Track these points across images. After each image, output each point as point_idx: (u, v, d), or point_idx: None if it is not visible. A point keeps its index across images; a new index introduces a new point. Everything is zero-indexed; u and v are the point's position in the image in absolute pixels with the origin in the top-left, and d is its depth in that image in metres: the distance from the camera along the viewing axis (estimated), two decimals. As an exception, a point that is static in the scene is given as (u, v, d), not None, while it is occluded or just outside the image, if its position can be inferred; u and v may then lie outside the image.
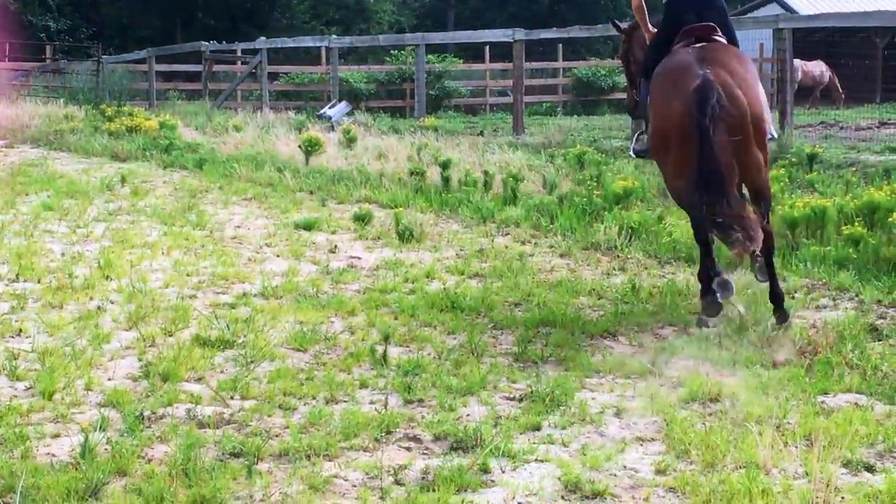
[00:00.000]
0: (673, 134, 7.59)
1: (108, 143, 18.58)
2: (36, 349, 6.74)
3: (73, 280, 8.53)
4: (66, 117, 22.64)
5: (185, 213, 11.81)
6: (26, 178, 14.37)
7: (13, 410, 5.65)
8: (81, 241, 10.30)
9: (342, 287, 8.65)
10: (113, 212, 11.85)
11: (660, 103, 7.89)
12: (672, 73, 7.84)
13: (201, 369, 6.43)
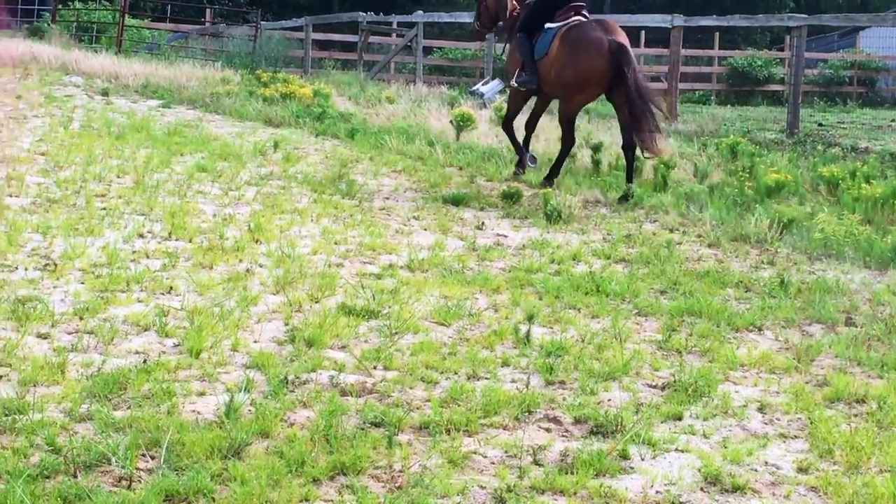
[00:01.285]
0: (589, 74, 11.99)
1: (262, 108, 18.81)
2: (185, 307, 6.87)
3: (223, 241, 8.67)
4: (222, 81, 22.99)
5: (336, 181, 11.90)
6: (182, 138, 14.62)
7: (161, 366, 5.76)
8: (233, 203, 10.46)
9: (487, 264, 8.65)
10: (264, 176, 12.00)
11: (581, 61, 12.00)
12: (587, 40, 12.01)
13: (345, 337, 6.48)
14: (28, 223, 8.90)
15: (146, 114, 17.44)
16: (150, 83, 22.16)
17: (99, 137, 14.07)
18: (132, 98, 20.39)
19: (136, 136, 14.31)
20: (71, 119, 15.99)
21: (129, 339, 6.25)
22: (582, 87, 12.20)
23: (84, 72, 24.08)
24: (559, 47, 12.22)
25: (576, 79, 12.10)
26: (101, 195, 10.32)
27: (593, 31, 12.14)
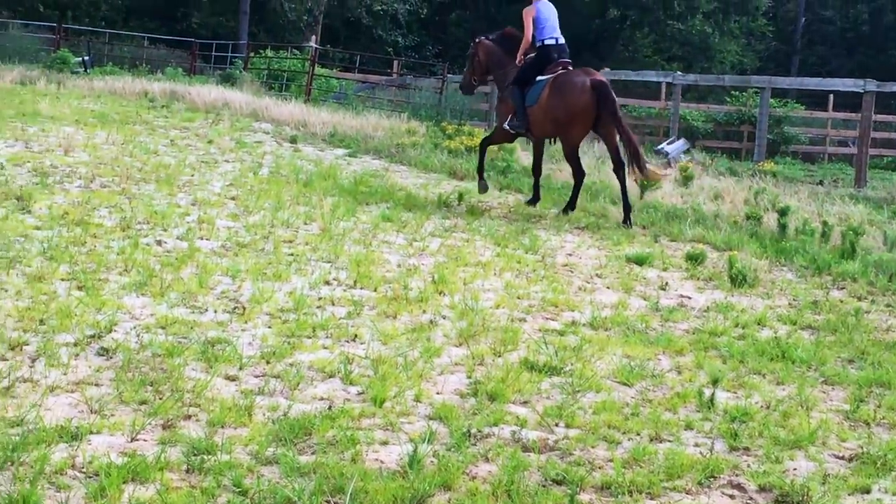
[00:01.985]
0: (582, 114, 14.16)
1: (447, 160, 18.96)
2: (369, 356, 6.94)
3: (407, 292, 8.75)
4: (407, 132, 23.28)
5: (519, 236, 11.93)
6: (367, 187, 14.83)
7: (346, 414, 5.83)
8: (417, 254, 10.55)
9: (671, 325, 8.55)
10: (448, 228, 12.08)
11: (570, 99, 14.13)
12: (572, 82, 14.24)
13: (528, 393, 6.47)
14: (218, 266, 9.12)
15: (333, 162, 17.75)
16: (337, 132, 22.55)
17: (287, 184, 14.37)
18: (319, 146, 20.79)
19: (323, 184, 14.57)
20: (260, 165, 16.36)
21: (315, 385, 6.34)
22: (574, 121, 14.36)
23: (273, 119, 24.66)
24: (549, 94, 14.43)
25: (568, 116, 14.30)
26: (289, 241, 10.52)
27: (576, 75, 14.53)
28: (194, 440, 5.26)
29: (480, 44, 15.98)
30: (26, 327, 6.94)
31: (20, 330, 6.87)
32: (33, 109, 22.20)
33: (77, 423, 5.34)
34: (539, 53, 14.89)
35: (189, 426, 5.49)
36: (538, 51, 14.92)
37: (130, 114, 22.54)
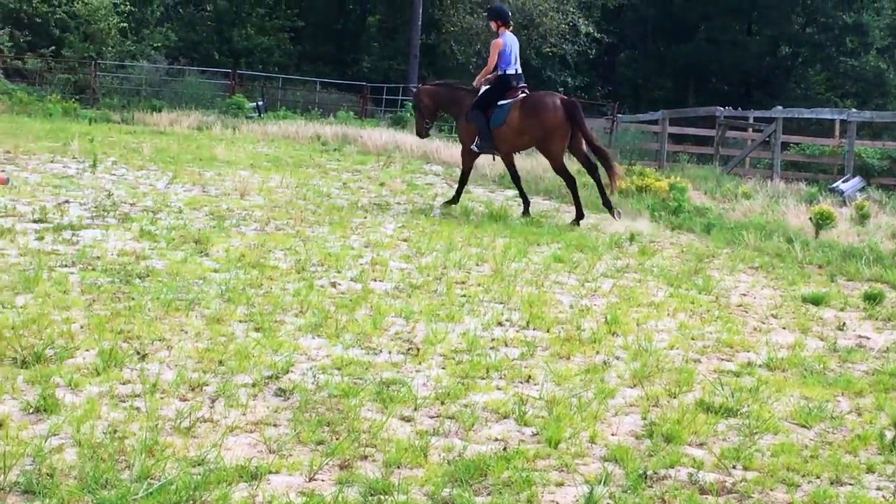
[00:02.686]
0: (558, 129, 16.17)
1: (618, 200, 18.88)
2: (543, 396, 6.92)
3: (580, 332, 8.71)
4: (578, 172, 23.23)
5: (691, 276, 11.80)
6: (538, 228, 14.85)
7: (521, 454, 5.82)
8: (589, 294, 10.51)
9: (849, 366, 8.36)
10: (620, 269, 12.02)
11: (544, 117, 16.14)
12: (544, 103, 16.27)
13: (704, 434, 6.38)
14: (391, 307, 9.20)
15: (503, 203, 17.83)
16: (507, 173, 22.63)
17: (458, 225, 14.46)
18: (489, 188, 20.91)
19: (494, 226, 14.64)
20: (431, 207, 16.50)
21: (489, 426, 6.35)
22: (552, 137, 16.28)
23: (444, 161, 24.90)
24: (520, 116, 16.34)
25: (546, 133, 16.26)
26: (461, 282, 10.57)
27: (545, 96, 16.64)
28: (371, 480, 5.31)
29: (422, 90, 18.13)
30: (206, 368, 7.09)
31: (200, 371, 7.02)
32: (210, 154, 22.81)
33: (256, 463, 5.42)
34: (499, 80, 16.71)
35: (366, 466, 5.55)
36: (498, 78, 16.75)
37: (303, 157, 22.97)
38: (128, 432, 5.75)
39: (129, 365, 7.00)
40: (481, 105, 16.68)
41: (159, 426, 5.88)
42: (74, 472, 5.17)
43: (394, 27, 58.58)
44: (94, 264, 10.09)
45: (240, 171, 19.75)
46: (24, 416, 5.96)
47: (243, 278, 9.92)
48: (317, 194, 16.95)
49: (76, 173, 17.45)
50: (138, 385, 6.59)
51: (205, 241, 11.58)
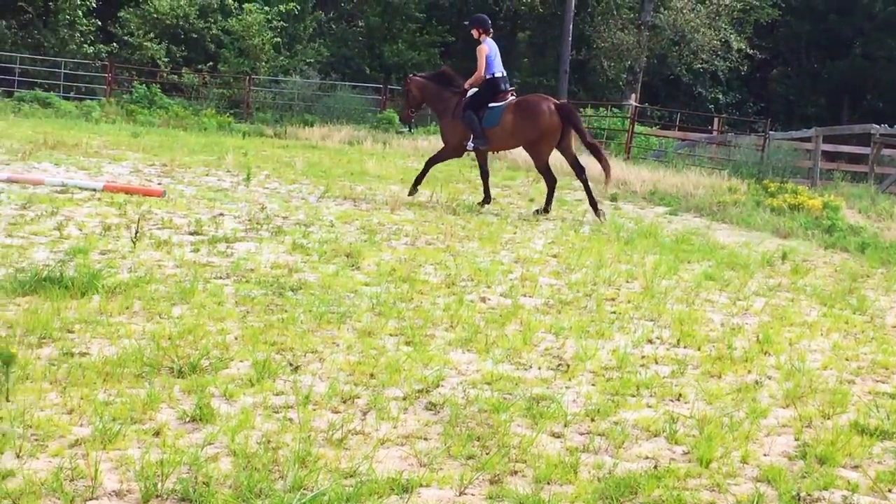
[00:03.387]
0: (551, 133, 17.47)
1: (770, 218, 18.64)
2: (694, 415, 6.86)
3: (731, 351, 8.61)
4: (728, 189, 23.01)
5: (846, 296, 11.58)
6: (688, 246, 14.71)
7: (671, 473, 5.77)
8: (740, 313, 10.37)
9: None
10: (772, 287, 11.84)
11: (540, 121, 17.37)
12: (539, 108, 17.48)
13: (858, 457, 6.26)
14: (541, 323, 9.20)
15: (653, 220, 17.71)
16: (657, 190, 22.51)
17: (608, 242, 14.40)
18: (639, 204, 20.79)
19: (644, 242, 14.54)
20: (581, 223, 16.48)
21: (639, 444, 6.31)
22: (544, 139, 17.66)
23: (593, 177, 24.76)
24: (514, 118, 17.59)
25: (540, 136, 17.57)
26: (611, 299, 10.53)
27: (541, 101, 17.78)
28: (521, 496, 5.32)
29: (412, 81, 19.00)
30: (357, 381, 7.17)
31: (352, 383, 7.10)
32: (360, 168, 23.08)
33: (407, 476, 5.46)
34: (489, 84, 17.92)
35: (515, 482, 5.55)
36: (488, 82, 17.94)
37: (453, 173, 23.10)
38: (281, 443, 5.84)
39: (282, 376, 7.11)
40: (473, 106, 17.80)
41: (312, 437, 5.96)
42: (229, 481, 5.27)
43: (543, 43, 58.56)
44: (247, 276, 10.28)
45: (390, 186, 19.94)
46: (180, 424, 6.10)
47: (394, 292, 10.01)
48: (466, 209, 17.03)
49: (230, 186, 17.79)
50: (291, 396, 6.69)
51: (356, 255, 11.71)
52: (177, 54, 45.60)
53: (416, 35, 54.78)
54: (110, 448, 5.61)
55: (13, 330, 7.72)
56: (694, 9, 51.39)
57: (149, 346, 7.48)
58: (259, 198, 16.51)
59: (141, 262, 10.56)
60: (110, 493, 5.08)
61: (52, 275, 9.16)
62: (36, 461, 5.39)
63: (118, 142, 25.00)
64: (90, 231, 12.15)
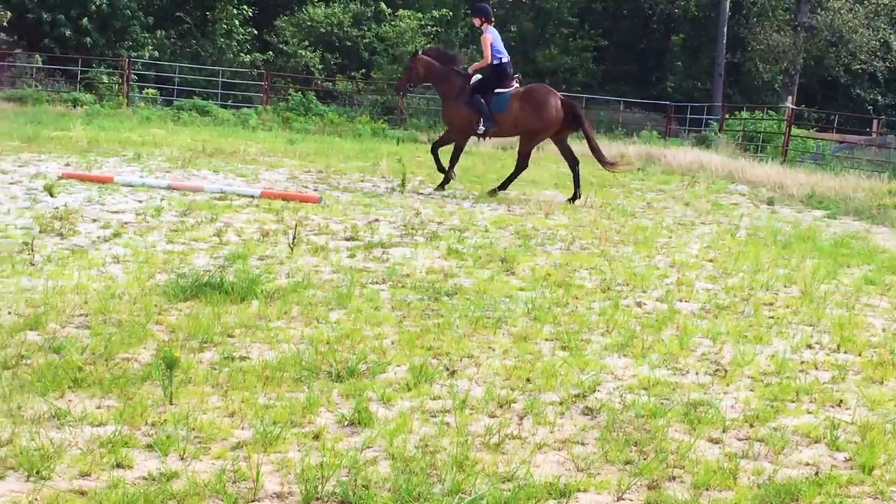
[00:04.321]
0: (553, 126, 18.50)
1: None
2: (856, 421, 6.73)
3: (894, 357, 8.43)
4: (888, 192, 22.51)
5: None
6: (848, 249, 14.43)
7: (833, 480, 5.67)
8: (904, 318, 10.17)
9: None
10: (936, 292, 11.56)
11: (547, 114, 18.33)
12: (547, 102, 18.37)
13: None
14: (697, 328, 9.12)
15: (811, 224, 17.40)
16: (814, 193, 22.12)
17: (765, 246, 14.19)
18: (797, 207, 20.44)
19: (802, 246, 14.30)
20: (737, 227, 16.26)
21: (800, 450, 6.22)
22: (546, 130, 18.70)
23: (748, 180, 24.49)
24: (521, 107, 18.47)
25: (543, 128, 18.59)
26: (769, 304, 10.38)
27: (549, 95, 18.64)
28: (680, 502, 5.28)
29: (419, 59, 19.54)
30: (514, 385, 7.19)
31: (508, 388, 7.12)
32: (515, 175, 23.05)
33: (565, 481, 5.46)
34: (496, 70, 18.69)
35: (674, 487, 5.51)
36: (495, 68, 18.71)
37: (607, 177, 22.97)
38: (439, 447, 5.89)
39: (438, 381, 7.17)
40: (482, 91, 18.63)
41: (469, 441, 5.99)
42: (388, 484, 5.32)
43: (698, 46, 57.98)
44: (403, 281, 10.37)
45: (544, 191, 19.94)
46: (339, 428, 6.18)
47: (549, 297, 10.00)
48: (621, 214, 16.95)
49: (385, 192, 17.95)
50: (448, 401, 6.74)
51: (511, 260, 11.73)
52: (331, 62, 46.18)
53: (569, 39, 54.69)
54: (271, 451, 5.71)
55: (175, 334, 7.91)
56: (852, 9, 50.38)
57: (307, 351, 7.59)
58: (414, 203, 16.64)
59: (298, 268, 10.72)
60: (272, 495, 5.17)
61: (212, 280, 9.36)
62: (199, 463, 5.50)
63: (275, 149, 25.40)
64: (249, 237, 12.38)
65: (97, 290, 9.17)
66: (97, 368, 6.90)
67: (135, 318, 8.22)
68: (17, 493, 4.99)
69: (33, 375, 6.67)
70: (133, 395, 6.44)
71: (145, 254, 10.96)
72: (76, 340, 7.53)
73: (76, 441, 5.68)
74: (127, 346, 7.46)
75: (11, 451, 5.43)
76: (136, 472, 5.35)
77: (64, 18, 41.94)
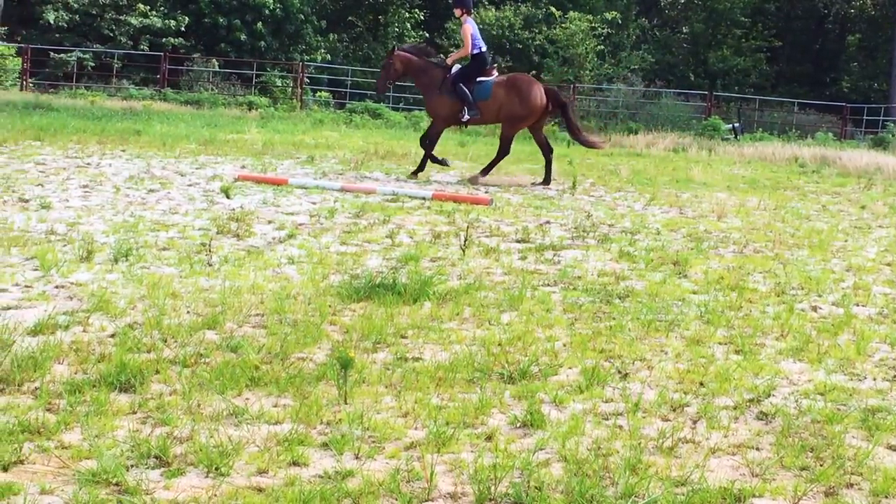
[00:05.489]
0: (536, 114, 19.48)
1: None
2: None
3: None
4: None
5: None
6: None
7: None
8: None
9: None
10: None
11: (531, 101, 19.32)
12: (531, 90, 19.41)
13: None
14: (875, 333, 8.91)
15: None
16: None
17: (946, 250, 13.81)
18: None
19: None
20: (917, 230, 15.86)
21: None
22: (529, 117, 19.59)
23: None
24: (506, 94, 19.39)
25: (526, 114, 19.49)
26: (951, 309, 10.10)
27: (532, 83, 19.77)
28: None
29: (397, 55, 20.18)
30: (687, 389, 7.12)
31: (681, 391, 7.05)
32: (686, 176, 22.91)
33: (739, 486, 5.39)
34: (477, 59, 19.63)
35: (851, 495, 5.40)
36: (476, 57, 19.63)
37: (781, 179, 22.66)
38: (611, 450, 5.86)
39: (611, 383, 7.13)
40: (465, 79, 19.47)
41: (642, 445, 5.96)
42: (560, 486, 5.32)
43: (875, 46, 56.69)
44: (575, 284, 10.35)
45: (716, 193, 19.71)
46: (511, 429, 6.19)
47: (722, 300, 9.88)
48: (795, 217, 16.66)
49: (556, 195, 17.95)
50: (620, 403, 6.71)
51: (683, 263, 11.62)
52: (502, 64, 46.33)
53: (742, 40, 53.96)
54: (444, 451, 5.74)
55: (349, 335, 8.02)
56: None
57: (479, 352, 7.63)
58: (584, 206, 16.60)
59: (470, 270, 10.78)
60: (445, 495, 5.21)
61: (385, 281, 9.47)
62: (373, 462, 5.57)
63: (446, 151, 25.58)
64: (420, 239, 12.50)
65: (273, 290, 9.36)
66: (273, 367, 7.04)
67: (309, 319, 8.37)
68: (198, 488, 5.11)
69: (212, 374, 6.82)
70: (308, 394, 6.54)
71: (319, 255, 11.15)
72: (253, 340, 7.69)
73: (253, 438, 5.79)
74: (302, 346, 7.60)
75: (191, 448, 5.56)
76: (311, 469, 5.43)
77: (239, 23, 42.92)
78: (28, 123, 25.49)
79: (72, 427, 5.79)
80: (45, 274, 9.55)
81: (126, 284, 9.33)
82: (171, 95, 39.74)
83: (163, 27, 44.67)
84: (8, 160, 18.15)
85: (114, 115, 30.91)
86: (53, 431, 5.68)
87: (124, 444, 5.56)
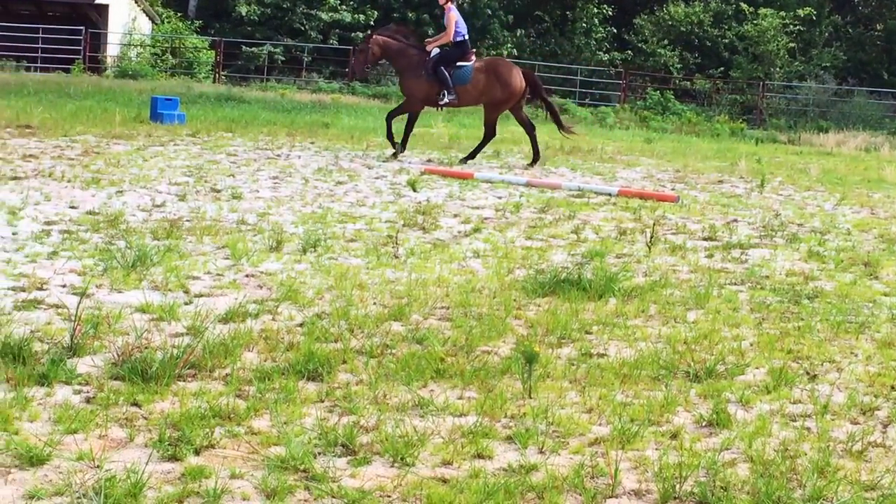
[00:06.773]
0: (516, 96, 20.12)
1: None
2: None
3: None
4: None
5: None
6: None
7: None
8: None
9: None
10: None
11: (511, 85, 19.95)
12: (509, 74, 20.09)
13: None
14: None
15: None
16: None
17: None
18: None
19: None
20: None
21: None
22: (509, 100, 20.18)
23: None
24: (487, 78, 19.93)
25: (507, 97, 20.08)
26: None
27: (511, 67, 20.54)
28: None
29: (375, 39, 20.41)
30: (877, 392, 6.96)
31: (871, 394, 6.90)
32: (878, 176, 22.40)
33: None
34: (459, 45, 20.09)
35: None
36: (458, 44, 20.09)
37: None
38: (799, 451, 5.77)
39: (798, 385, 7.02)
40: (445, 63, 19.88)
41: (830, 448, 5.84)
42: (747, 487, 5.25)
43: None
44: (762, 283, 10.20)
45: (909, 193, 19.20)
46: (697, 428, 6.14)
47: (916, 303, 9.63)
48: None
49: (744, 193, 17.71)
50: (809, 405, 6.60)
51: (874, 264, 11.36)
52: (690, 61, 45.88)
53: (940, 36, 52.32)
54: (628, 448, 5.72)
55: (534, 329, 8.04)
56: None
57: (665, 350, 7.58)
58: (773, 204, 16.34)
59: (656, 267, 10.71)
60: (629, 492, 5.19)
61: (570, 277, 9.46)
62: (557, 457, 5.57)
63: (631, 147, 25.45)
64: (606, 235, 12.46)
65: (458, 283, 9.44)
66: (458, 360, 7.09)
67: (494, 312, 8.41)
68: (383, 477, 5.18)
69: (397, 365, 6.91)
70: (493, 388, 6.58)
71: (504, 249, 11.20)
72: (438, 332, 7.76)
73: (438, 430, 5.85)
74: (487, 340, 7.64)
75: (377, 437, 5.64)
76: (496, 462, 5.46)
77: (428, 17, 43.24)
78: (220, 115, 26.19)
79: (261, 413, 5.93)
80: (235, 263, 9.81)
81: (314, 275, 9.52)
82: (360, 89, 40.32)
83: (352, 21, 45.39)
84: (201, 151, 18.68)
85: (303, 108, 31.56)
86: (243, 417, 5.83)
87: (312, 431, 5.67)
